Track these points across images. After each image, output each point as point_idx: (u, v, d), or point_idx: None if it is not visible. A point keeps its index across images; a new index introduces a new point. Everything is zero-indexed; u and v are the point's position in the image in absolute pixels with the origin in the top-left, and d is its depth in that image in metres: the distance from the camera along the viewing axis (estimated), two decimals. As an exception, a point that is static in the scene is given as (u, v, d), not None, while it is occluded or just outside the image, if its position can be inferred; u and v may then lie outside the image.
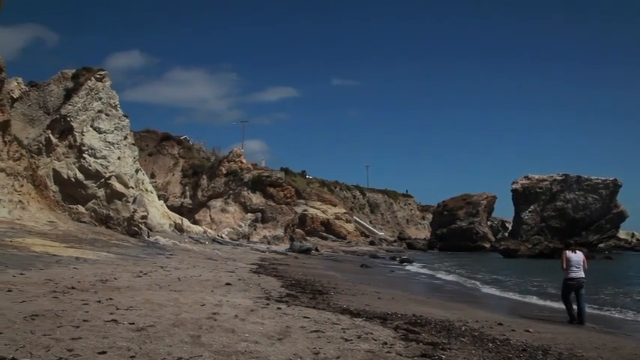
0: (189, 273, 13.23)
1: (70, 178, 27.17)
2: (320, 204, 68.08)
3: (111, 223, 27.53)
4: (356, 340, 5.55)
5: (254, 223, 48.48)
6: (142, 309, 6.43)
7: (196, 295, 8.65)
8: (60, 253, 14.25)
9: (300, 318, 6.90)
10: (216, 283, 11.12)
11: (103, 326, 5.10)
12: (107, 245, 19.69)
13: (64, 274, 9.99)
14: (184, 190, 49.62)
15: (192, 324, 5.69)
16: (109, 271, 11.33)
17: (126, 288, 8.65)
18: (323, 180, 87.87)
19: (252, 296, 9.30)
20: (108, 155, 28.23)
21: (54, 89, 29.03)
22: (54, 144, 27.18)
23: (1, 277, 8.53)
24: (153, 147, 51.97)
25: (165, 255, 20.03)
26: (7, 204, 20.55)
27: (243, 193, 49.02)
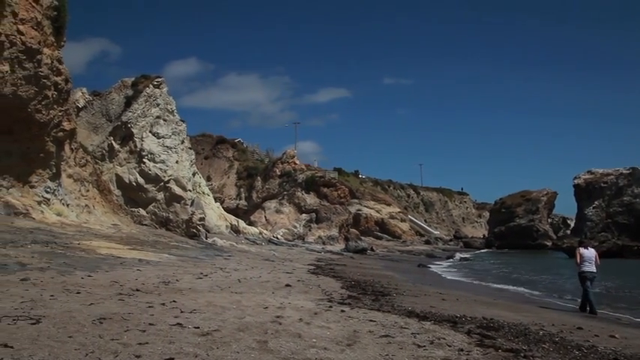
0: (249, 274, 13.21)
1: (131, 183, 28.04)
2: (374, 203, 67.54)
3: (170, 226, 28.20)
4: (429, 346, 5.21)
5: (308, 223, 48.58)
6: (206, 312, 6.34)
7: (258, 297, 8.53)
8: (124, 255, 14.59)
9: (366, 321, 6.62)
10: (276, 285, 11.00)
11: (169, 330, 5.01)
12: (168, 247, 20.10)
13: (129, 275, 10.14)
14: (239, 192, 50.34)
15: (257, 328, 5.53)
16: (170, 273, 11.45)
17: (188, 290, 8.65)
18: (376, 179, 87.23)
19: (314, 298, 9.10)
20: (166, 159, 28.95)
21: (115, 97, 30.09)
22: (116, 150, 28.14)
23: (71, 278, 8.72)
24: (208, 150, 53.06)
25: (223, 256, 20.22)
26: (75, 208, 21.37)
27: (297, 193, 49.21)
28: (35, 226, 17.13)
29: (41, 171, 19.74)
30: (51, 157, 20.02)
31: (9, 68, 16.47)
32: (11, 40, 16.43)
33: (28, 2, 17.40)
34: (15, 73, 16.85)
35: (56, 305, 5.91)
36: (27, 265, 9.84)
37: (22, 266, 9.70)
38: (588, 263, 11.93)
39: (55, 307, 5.80)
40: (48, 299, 6.32)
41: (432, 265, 32.18)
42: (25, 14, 17.07)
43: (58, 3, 19.55)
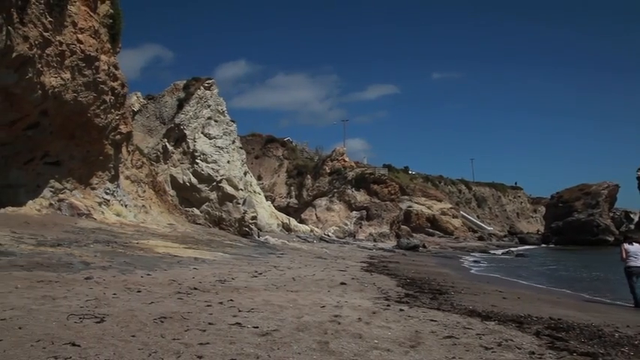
0: (302, 272, 13.18)
1: (185, 183, 28.73)
2: (425, 200, 66.52)
3: (223, 225, 28.68)
4: (497, 348, 4.94)
5: (359, 220, 48.39)
6: (263, 311, 6.30)
7: (313, 295, 8.45)
8: (180, 254, 14.88)
9: (427, 321, 6.40)
10: (331, 283, 10.90)
11: (228, 330, 4.98)
12: (222, 245, 20.41)
13: (186, 274, 10.29)
14: (290, 190, 50.69)
15: (317, 328, 5.42)
16: (226, 271, 11.55)
17: (244, 288, 8.67)
18: (427, 175, 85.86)
19: (370, 296, 8.94)
20: (218, 159, 29.47)
21: (168, 100, 30.91)
22: (170, 151, 28.89)
23: (131, 277, 8.92)
24: (258, 150, 53.72)
25: (276, 254, 20.34)
26: (133, 208, 22.05)
27: (348, 191, 49.09)
28: (96, 226, 17.77)
29: (101, 173, 20.47)
30: (109, 159, 20.73)
31: (70, 76, 17.12)
32: (71, 49, 17.08)
33: (86, 12, 18.03)
34: (75, 80, 17.50)
35: (119, 304, 6.01)
36: (90, 264, 10.17)
37: (86, 265, 10.02)
38: (634, 258, 11.94)
39: (118, 305, 5.90)
40: (111, 298, 6.46)
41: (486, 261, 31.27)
42: (83, 23, 17.71)
43: (113, 11, 20.20)
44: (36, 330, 4.38)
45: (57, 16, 16.00)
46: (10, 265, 8.71)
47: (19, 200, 16.86)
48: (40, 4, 14.84)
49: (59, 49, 16.28)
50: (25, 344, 3.92)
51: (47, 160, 18.17)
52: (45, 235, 13.84)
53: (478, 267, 26.40)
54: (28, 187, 17.41)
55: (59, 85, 16.51)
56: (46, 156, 18.06)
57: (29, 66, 14.68)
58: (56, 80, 16.31)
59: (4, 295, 6.04)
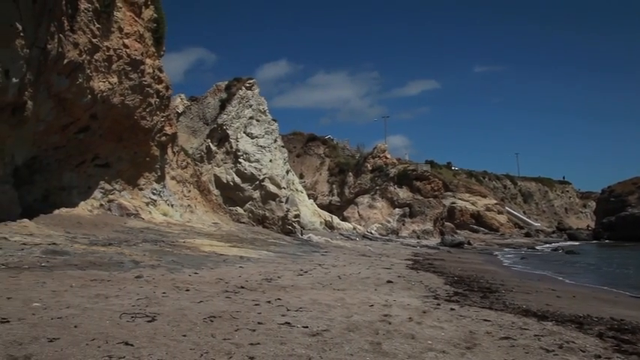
0: (347, 270, 13.07)
1: (228, 182, 29.10)
2: (469, 196, 65.11)
3: (267, 223, 28.90)
4: (559, 350, 4.69)
5: (402, 217, 47.88)
6: (312, 310, 6.23)
7: (361, 294, 8.33)
8: (226, 252, 15.04)
9: (480, 321, 6.18)
10: (377, 281, 10.74)
11: (278, 330, 4.93)
12: (266, 244, 20.55)
13: (232, 273, 10.36)
14: (332, 188, 50.65)
15: (367, 328, 5.31)
16: (271, 270, 11.58)
17: (291, 287, 8.63)
18: (470, 171, 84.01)
19: (419, 295, 8.74)
20: (261, 159, 29.71)
21: (211, 101, 31.38)
22: (213, 151, 29.33)
23: (179, 276, 9.04)
24: (300, 148, 53.89)
25: (320, 252, 20.31)
26: (179, 208, 22.49)
27: (390, 188, 48.65)
28: (145, 225, 18.20)
29: (148, 174, 20.96)
30: (156, 160, 21.19)
31: (117, 80, 17.57)
32: (118, 54, 17.52)
33: (132, 17, 18.46)
34: (122, 84, 17.95)
35: (168, 303, 6.07)
36: (140, 263, 10.38)
37: (136, 264, 10.24)
38: None
39: (168, 304, 5.95)
40: (161, 296, 6.53)
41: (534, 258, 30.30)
42: (129, 29, 18.14)
43: (157, 15, 20.60)
44: (90, 328, 4.44)
45: (104, 23, 16.43)
46: (65, 265, 8.98)
47: (72, 201, 17.44)
48: (88, 11, 15.27)
49: (107, 55, 16.73)
50: (80, 343, 3.97)
51: (97, 163, 18.73)
52: (96, 235, 14.27)
53: (526, 264, 25.59)
54: (80, 189, 18.00)
55: (107, 89, 16.96)
56: (96, 158, 18.63)
57: (79, 71, 15.13)
58: (104, 84, 16.77)
59: (61, 293, 6.20)
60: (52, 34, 13.24)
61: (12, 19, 11.39)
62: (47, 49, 13.20)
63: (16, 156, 13.91)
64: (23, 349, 3.70)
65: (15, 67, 11.79)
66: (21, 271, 7.81)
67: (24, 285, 6.61)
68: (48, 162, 16.81)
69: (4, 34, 11.20)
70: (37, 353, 3.62)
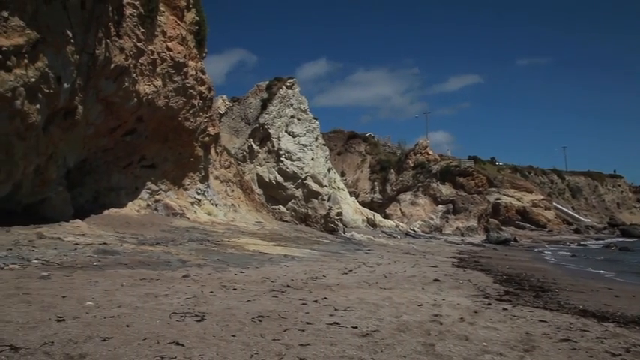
0: (392, 269, 12.89)
1: (271, 181, 29.30)
2: (514, 191, 63.37)
3: (309, 221, 28.94)
4: (626, 354, 4.42)
5: (445, 214, 47.14)
6: (360, 310, 6.13)
7: (408, 293, 8.17)
8: (270, 251, 15.11)
9: (536, 322, 5.92)
10: (424, 280, 10.54)
11: (327, 330, 4.85)
12: (309, 242, 20.56)
13: (277, 271, 10.37)
14: (373, 185, 50.37)
15: (418, 328, 5.16)
16: (316, 268, 11.53)
17: (336, 286, 8.55)
18: (515, 166, 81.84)
19: (468, 294, 8.50)
20: (302, 157, 29.77)
21: (252, 101, 31.67)
22: (255, 151, 29.59)
23: (226, 275, 9.10)
24: (341, 146, 53.82)
25: (363, 250, 20.16)
26: (222, 207, 22.80)
27: (432, 184, 47.98)
28: (190, 225, 18.53)
29: (192, 174, 21.33)
30: (200, 161, 21.55)
31: (161, 82, 17.94)
32: (162, 57, 17.89)
33: (174, 21, 18.80)
34: (166, 86, 18.32)
35: (216, 302, 6.09)
36: (187, 262, 10.53)
37: (183, 263, 10.39)
38: None
39: (216, 303, 5.97)
40: (208, 295, 6.57)
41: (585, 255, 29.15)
42: (172, 32, 18.48)
43: (198, 18, 20.92)
44: (142, 328, 4.48)
45: (148, 27, 16.79)
46: (116, 264, 9.19)
47: (121, 202, 17.94)
48: (133, 17, 15.64)
49: (151, 58, 17.10)
50: (133, 342, 4.01)
51: (144, 164, 19.20)
52: (144, 235, 14.60)
53: (578, 262, 24.64)
54: (127, 190, 18.49)
55: (152, 91, 17.34)
56: (142, 160, 19.09)
57: (125, 75, 15.52)
58: (149, 87, 17.14)
59: (112, 292, 6.32)
60: (99, 39, 13.62)
61: (63, 26, 11.76)
62: (95, 55, 13.59)
63: (68, 159, 14.39)
64: (78, 347, 3.75)
65: (66, 73, 12.18)
66: (74, 270, 8.04)
67: (77, 284, 6.78)
68: (97, 164, 17.34)
69: (56, 42, 11.58)
70: (91, 352, 3.66)
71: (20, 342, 3.74)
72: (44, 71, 11.25)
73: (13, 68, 10.42)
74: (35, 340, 3.82)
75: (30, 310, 4.88)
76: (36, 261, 8.58)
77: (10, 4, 10.22)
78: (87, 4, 12.75)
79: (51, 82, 11.60)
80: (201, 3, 21.27)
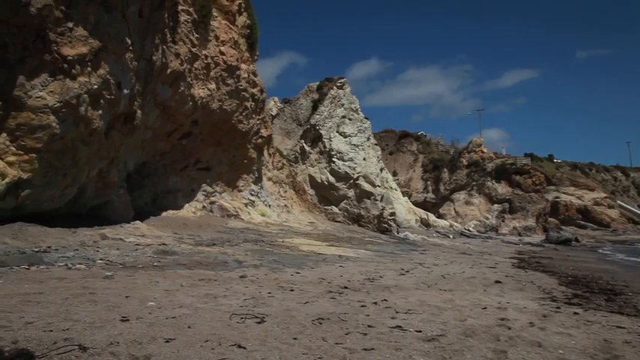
0: (450, 269, 12.53)
1: (323, 182, 29.30)
2: (574, 189, 60.86)
3: (362, 222, 28.74)
4: None
5: (501, 214, 45.79)
6: (421, 312, 5.92)
7: (470, 295, 7.87)
8: (324, 251, 15.05)
9: (613, 328, 5.53)
10: (485, 281, 10.16)
11: (390, 334, 4.69)
12: (362, 243, 20.39)
13: (333, 272, 10.27)
14: (426, 185, 49.55)
15: (485, 333, 4.92)
16: (372, 269, 11.36)
17: (394, 287, 8.36)
18: (574, 163, 78.52)
19: (533, 297, 8.10)
20: (354, 157, 29.62)
21: (303, 102, 31.82)
22: (307, 152, 29.68)
23: (282, 275, 9.08)
24: (392, 146, 53.27)
25: (418, 251, 19.79)
26: (276, 208, 22.97)
27: (487, 183, 46.71)
28: (244, 226, 18.76)
29: (246, 176, 21.60)
30: (253, 162, 21.79)
31: (215, 86, 18.26)
32: (215, 61, 18.20)
33: (227, 25, 19.10)
34: (220, 89, 18.63)
35: (275, 303, 6.05)
36: (243, 263, 10.60)
37: (239, 263, 10.47)
38: None
39: (275, 305, 5.93)
40: (266, 296, 6.54)
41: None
42: (224, 36, 18.78)
43: (250, 21, 21.17)
44: (203, 329, 4.48)
45: (202, 32, 17.12)
46: (175, 264, 9.36)
47: (178, 204, 18.37)
48: (187, 22, 15.98)
49: (205, 63, 17.43)
50: (195, 344, 3.99)
51: (199, 166, 19.60)
52: (201, 236, 14.87)
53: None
54: (184, 192, 18.92)
55: (206, 95, 17.67)
56: (198, 162, 19.50)
57: (181, 80, 15.88)
58: (204, 91, 17.47)
59: (173, 292, 6.39)
60: (156, 46, 13.98)
61: (122, 34, 12.14)
62: (153, 61, 13.96)
63: (128, 162, 14.86)
64: (143, 349, 3.77)
65: (126, 79, 12.57)
66: (136, 271, 8.23)
67: (139, 284, 6.91)
68: (155, 167, 17.83)
69: (116, 49, 11.96)
70: (155, 354, 3.66)
71: (88, 342, 3.80)
72: (105, 78, 11.64)
73: (78, 76, 10.83)
74: (102, 340, 3.87)
75: (96, 309, 4.98)
76: (100, 261, 8.85)
77: (75, 15, 10.63)
78: (144, 11, 13.12)
79: (112, 88, 12.00)
80: (252, 7, 21.54)
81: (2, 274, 6.88)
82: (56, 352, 3.46)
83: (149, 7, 13.35)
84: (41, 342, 3.66)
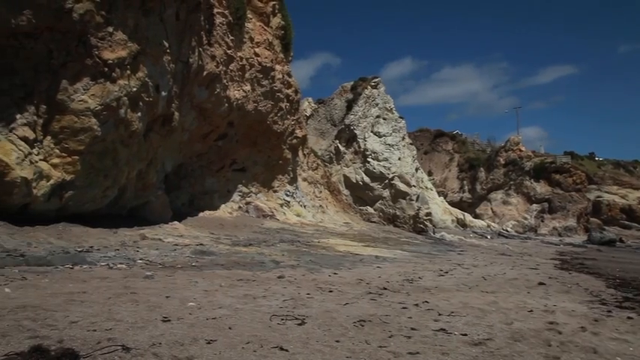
0: (490, 271, 12.22)
1: (358, 182, 29.14)
2: (617, 188, 58.74)
3: (398, 222, 28.45)
4: None
5: (540, 214, 44.62)
6: (465, 315, 5.75)
7: (513, 297, 7.62)
8: (360, 252, 14.93)
9: (672, 334, 5.23)
10: (527, 283, 9.84)
11: (435, 337, 4.55)
12: (399, 243, 20.16)
13: (371, 273, 10.15)
14: (462, 184, 48.69)
15: (535, 337, 4.71)
16: (410, 270, 11.18)
17: (435, 289, 8.18)
18: (617, 161, 75.75)
19: (581, 300, 7.79)
20: (389, 157, 29.35)
21: (337, 102, 31.73)
22: (342, 152, 29.58)
23: (320, 276, 9.01)
24: (427, 145, 52.55)
25: (455, 251, 19.45)
26: (311, 209, 22.95)
27: (526, 182, 45.57)
28: (280, 226, 18.80)
29: (281, 176, 21.66)
30: (288, 163, 21.83)
31: (250, 87, 18.36)
32: (250, 63, 18.30)
33: (261, 27, 19.19)
34: (255, 91, 18.73)
35: (315, 304, 5.97)
36: (280, 263, 10.59)
37: (276, 264, 10.45)
38: None
39: (314, 306, 5.85)
40: (305, 297, 6.47)
41: None
42: (259, 38, 18.87)
43: (284, 22, 21.22)
44: (244, 331, 4.44)
45: (237, 34, 17.24)
46: (213, 264, 9.41)
47: (214, 204, 18.56)
48: (223, 25, 16.12)
49: (240, 64, 17.55)
50: (237, 346, 3.95)
51: (235, 167, 19.76)
52: (237, 236, 14.96)
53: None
54: (220, 193, 19.11)
55: (242, 97, 17.78)
56: (233, 163, 19.66)
57: (217, 82, 16.03)
58: (239, 93, 17.59)
59: (212, 293, 6.40)
60: (192, 48, 14.14)
61: (160, 37, 12.32)
62: (189, 63, 14.12)
63: (166, 164, 15.08)
64: (185, 350, 3.75)
65: (163, 82, 12.75)
66: (175, 271, 8.30)
67: (179, 284, 6.95)
68: (192, 168, 18.05)
69: (154, 52, 12.15)
70: (197, 355, 3.63)
71: (130, 342, 3.80)
72: (144, 81, 11.83)
73: (117, 79, 11.04)
74: (144, 341, 3.86)
75: (137, 309, 5.01)
76: (140, 261, 8.98)
77: (114, 19, 10.84)
78: (181, 14, 13.28)
79: (150, 90, 12.18)
80: (286, 8, 21.59)
81: (48, 273, 7.04)
82: (100, 352, 3.47)
83: (185, 10, 13.51)
84: (85, 341, 3.68)
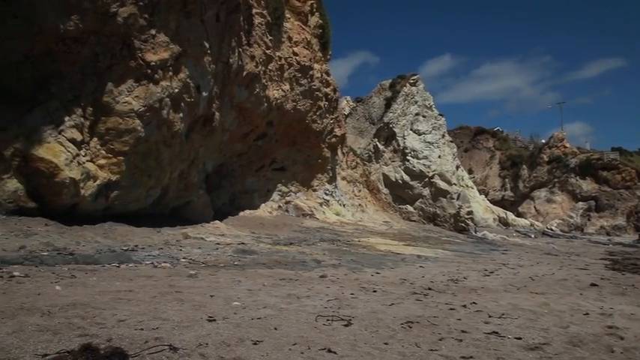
0: (537, 271, 11.81)
1: (397, 181, 28.83)
2: (670, 185, 56.15)
3: (438, 221, 28.00)
4: None
5: (587, 212, 43.07)
6: (516, 317, 5.52)
7: (565, 299, 7.30)
8: (401, 251, 14.73)
9: None
10: (578, 284, 9.45)
11: (487, 341, 4.37)
12: (440, 242, 19.80)
13: (413, 272, 9.97)
14: (504, 182, 47.51)
15: (594, 343, 4.47)
16: (453, 270, 10.93)
17: (481, 289, 7.93)
18: (671, 155, 72.42)
19: (639, 302, 7.40)
20: (429, 155, 28.92)
21: (375, 101, 31.47)
22: (381, 150, 29.32)
23: (363, 276, 8.90)
24: (467, 142, 51.54)
25: (499, 251, 18.96)
26: (350, 208, 22.83)
27: (571, 180, 44.07)
28: (320, 225, 18.76)
29: (320, 175, 21.62)
30: (327, 162, 21.77)
31: (289, 87, 18.39)
32: (289, 62, 18.33)
33: (299, 26, 19.20)
34: (294, 90, 18.75)
35: (359, 305, 5.87)
36: (321, 262, 10.52)
37: (318, 263, 10.40)
38: None
39: (359, 306, 5.75)
40: (350, 297, 6.38)
41: None
42: (297, 37, 18.88)
43: (322, 21, 21.17)
44: (290, 332, 4.37)
45: (275, 34, 17.29)
46: (255, 264, 9.42)
47: (254, 204, 18.69)
48: (261, 25, 16.19)
49: (279, 64, 17.59)
50: (283, 347, 3.89)
51: (274, 167, 19.85)
52: (278, 235, 15.00)
53: None
54: (260, 192, 19.23)
55: (281, 96, 17.83)
56: (273, 163, 19.75)
57: (256, 82, 16.11)
58: (278, 92, 17.64)
59: (255, 292, 6.37)
60: (232, 48, 14.24)
61: (201, 38, 12.45)
62: (229, 63, 14.24)
63: (207, 164, 15.26)
64: (232, 351, 3.71)
65: (204, 82, 12.89)
66: (218, 269, 8.34)
67: (222, 283, 6.96)
68: (233, 168, 18.23)
69: (195, 53, 12.29)
70: (244, 357, 3.58)
71: (177, 342, 3.78)
72: (185, 82, 11.98)
73: (160, 81, 11.21)
74: (190, 341, 3.84)
75: (183, 308, 5.02)
76: (183, 260, 9.07)
77: (157, 22, 11.01)
78: (221, 15, 13.39)
79: (191, 91, 12.33)
80: (324, 6, 21.53)
81: (95, 271, 7.18)
82: (148, 351, 3.46)
83: (225, 11, 13.62)
84: (133, 341, 3.69)
